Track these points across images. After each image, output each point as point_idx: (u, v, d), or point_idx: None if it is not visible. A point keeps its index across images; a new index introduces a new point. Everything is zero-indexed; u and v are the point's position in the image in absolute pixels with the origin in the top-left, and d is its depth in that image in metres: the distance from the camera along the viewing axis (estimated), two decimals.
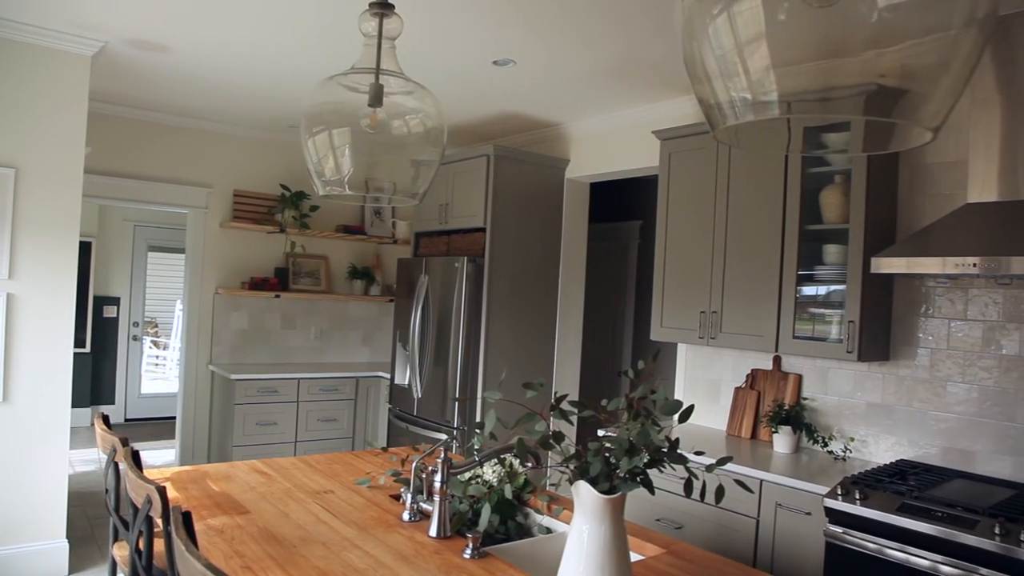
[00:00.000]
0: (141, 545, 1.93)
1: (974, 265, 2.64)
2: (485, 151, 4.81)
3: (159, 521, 1.77)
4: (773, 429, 3.48)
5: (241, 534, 1.99)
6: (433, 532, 2.06)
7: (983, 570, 2.38)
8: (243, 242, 5.77)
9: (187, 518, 1.48)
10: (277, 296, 5.80)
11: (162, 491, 1.75)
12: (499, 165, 4.80)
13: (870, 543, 2.65)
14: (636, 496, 3.41)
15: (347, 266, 6.27)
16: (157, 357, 9.02)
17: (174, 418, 5.83)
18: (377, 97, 2.17)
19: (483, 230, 4.83)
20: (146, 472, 2.15)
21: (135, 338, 8.07)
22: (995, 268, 2.60)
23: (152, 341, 8.93)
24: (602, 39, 3.41)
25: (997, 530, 2.35)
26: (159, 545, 1.92)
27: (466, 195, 4.96)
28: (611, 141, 4.82)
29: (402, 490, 2.29)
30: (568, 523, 2.19)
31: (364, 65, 2.23)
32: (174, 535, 1.43)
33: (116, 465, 2.37)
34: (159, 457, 6.46)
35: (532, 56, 3.70)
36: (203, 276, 5.61)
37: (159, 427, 7.66)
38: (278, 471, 2.69)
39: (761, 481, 3.06)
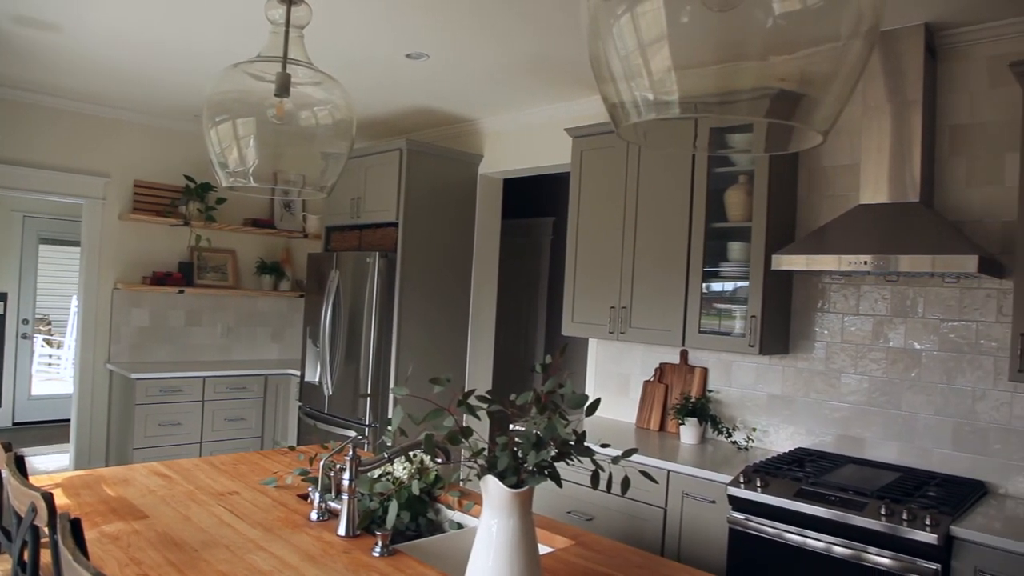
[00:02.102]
0: (26, 557, 1.83)
1: (865, 263, 2.79)
2: (398, 145, 4.76)
3: (46, 530, 1.67)
4: (680, 421, 3.58)
5: (138, 540, 1.91)
6: (342, 531, 2.03)
7: (871, 549, 2.52)
8: (144, 235, 5.52)
9: (76, 525, 1.41)
10: (181, 292, 5.58)
11: (48, 498, 1.65)
12: (412, 159, 4.76)
13: (770, 528, 2.76)
14: (547, 489, 3.45)
15: (255, 260, 6.09)
16: (50, 356, 8.53)
17: (69, 420, 5.53)
18: (284, 87, 2.11)
19: (395, 225, 4.78)
20: (34, 479, 2.04)
21: (25, 336, 7.62)
22: (884, 265, 2.76)
23: (44, 339, 8.44)
24: (514, 36, 3.43)
25: (883, 511, 2.50)
26: (46, 557, 1.81)
27: (378, 189, 4.90)
28: (525, 138, 4.85)
29: (310, 489, 2.25)
30: (479, 518, 2.19)
31: (271, 53, 2.17)
32: (61, 544, 1.35)
33: None
34: (51, 462, 6.12)
35: (445, 50, 3.68)
36: (100, 270, 5.34)
37: (52, 431, 7.25)
38: (180, 473, 2.59)
39: (668, 472, 3.14)
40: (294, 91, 2.15)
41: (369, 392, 4.68)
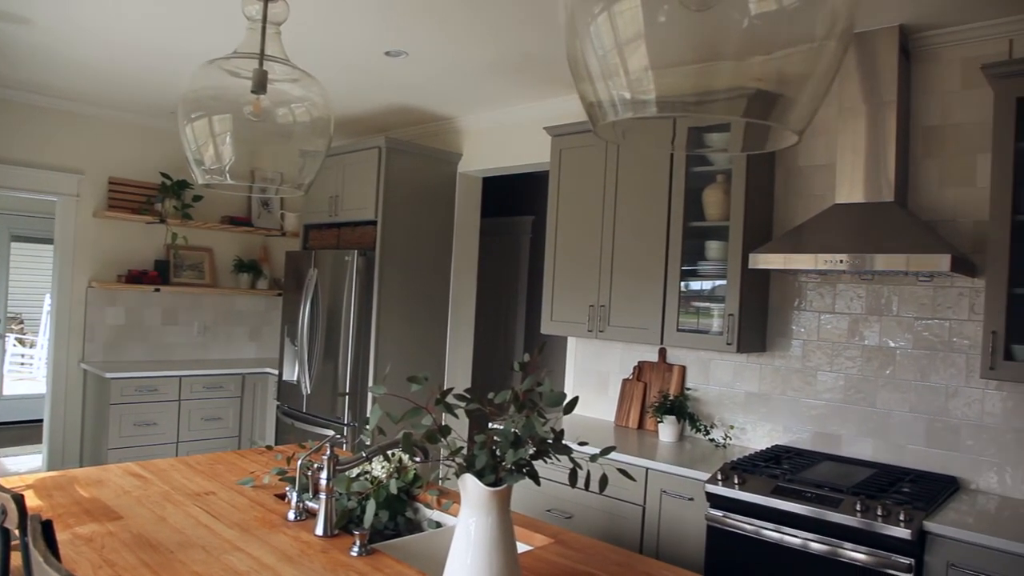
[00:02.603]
0: None
1: (841, 261, 2.82)
2: (377, 143, 4.74)
3: (17, 533, 1.64)
4: (658, 419, 3.60)
5: (112, 541, 1.88)
6: (319, 531, 2.02)
7: (846, 544, 2.55)
8: (120, 233, 5.45)
9: (47, 527, 1.39)
10: (157, 290, 5.51)
11: (19, 499, 1.62)
12: (391, 157, 4.74)
13: (748, 525, 2.79)
14: (526, 487, 3.46)
15: (233, 259, 6.03)
16: (23, 356, 8.40)
17: (42, 421, 5.45)
18: (261, 84, 2.10)
19: (374, 223, 4.76)
20: (5, 480, 2.01)
21: None
22: (860, 264, 2.79)
23: (17, 339, 8.31)
24: (494, 34, 3.42)
25: (858, 507, 2.53)
26: (17, 560, 1.79)
27: (357, 187, 4.88)
28: (504, 136, 4.84)
29: (287, 489, 2.23)
30: (458, 517, 2.19)
31: (248, 50, 2.15)
32: (31, 547, 1.33)
33: None
34: (24, 463, 6.03)
35: (424, 48, 3.67)
36: (75, 268, 5.26)
37: (25, 431, 7.14)
38: (155, 473, 2.56)
39: (647, 469, 3.16)
40: (271, 88, 2.13)
41: (348, 391, 4.65)
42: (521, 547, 2.11)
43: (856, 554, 2.52)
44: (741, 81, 1.12)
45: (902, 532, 2.42)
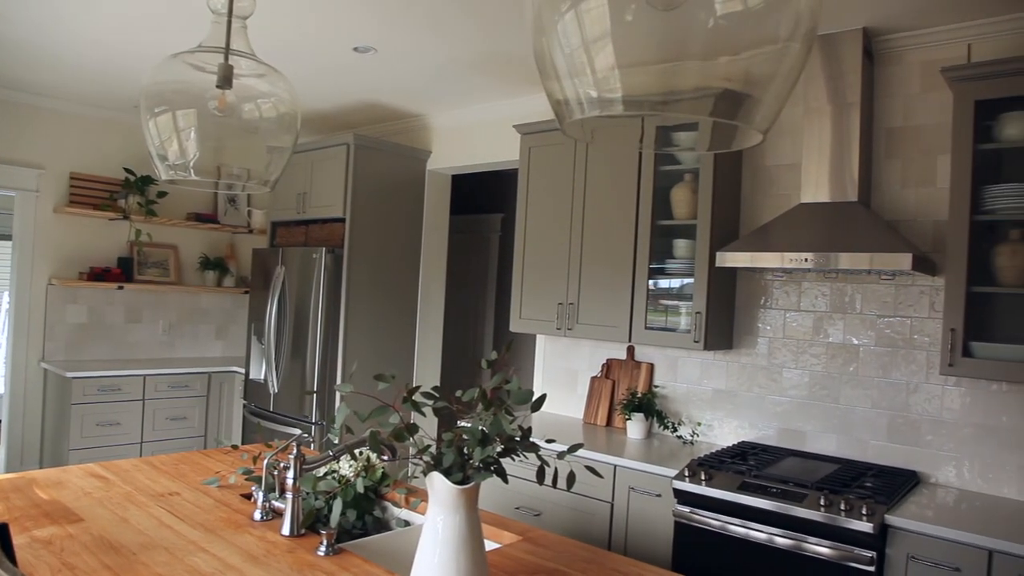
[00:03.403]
0: None
1: (807, 260, 2.86)
2: (345, 139, 4.70)
3: None
4: (627, 416, 3.62)
5: (72, 544, 1.85)
6: (286, 531, 2.00)
7: (811, 539, 2.58)
8: (81, 229, 5.35)
9: (3, 530, 1.36)
10: (120, 288, 5.42)
11: None
12: (359, 154, 4.71)
13: (714, 520, 2.82)
14: (495, 485, 3.46)
15: (199, 256, 5.95)
16: None
17: (0, 421, 5.33)
18: (226, 78, 2.06)
19: (343, 220, 4.72)
20: None
21: None
22: (825, 263, 2.83)
23: None
24: (462, 31, 3.42)
25: (822, 502, 2.57)
26: None
27: (325, 184, 4.83)
28: (473, 134, 4.84)
29: (253, 488, 2.21)
30: (426, 515, 2.18)
31: (212, 44, 2.12)
32: None
33: None
34: None
35: (393, 45, 3.65)
36: (34, 265, 5.15)
37: None
38: (118, 474, 2.52)
39: (615, 466, 3.18)
40: (237, 83, 2.10)
41: (315, 389, 4.62)
42: (489, 545, 2.11)
43: (820, 548, 2.56)
44: (707, 81, 1.13)
45: (864, 526, 2.46)
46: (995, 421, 2.85)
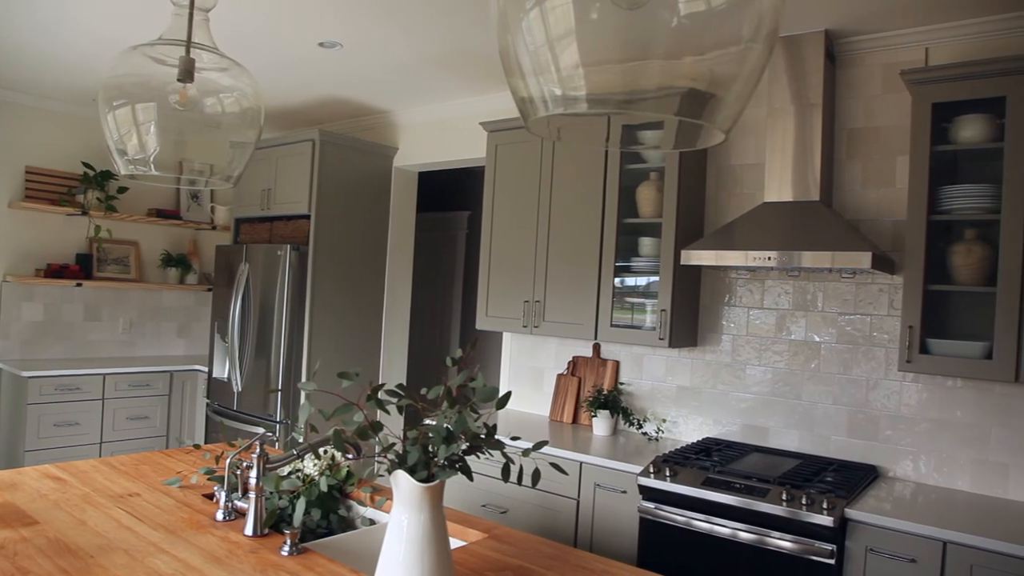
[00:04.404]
0: None
1: (770, 258, 2.90)
2: (310, 135, 4.65)
3: None
4: (592, 413, 3.64)
5: (27, 548, 1.80)
6: (249, 531, 1.98)
7: (773, 533, 2.62)
8: (37, 225, 5.22)
9: None
10: (79, 285, 5.30)
11: None
12: (325, 150, 4.67)
13: (679, 516, 2.84)
14: (461, 483, 3.46)
15: (160, 253, 5.84)
16: None
17: None
18: (188, 72, 2.03)
19: (308, 217, 4.68)
20: None
21: None
22: (788, 261, 2.87)
23: None
24: (429, 28, 3.40)
25: (784, 497, 2.61)
26: None
27: (290, 180, 4.78)
28: (440, 131, 4.82)
29: (216, 488, 2.18)
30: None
31: (173, 36, 2.08)
32: None
33: None
34: None
35: (358, 40, 3.62)
36: None
37: None
38: (75, 475, 2.47)
39: (581, 463, 3.19)
40: (199, 77, 2.06)
41: (279, 387, 4.57)
42: (455, 542, 2.11)
43: (782, 542, 2.60)
44: (671, 80, 1.14)
45: (825, 519, 2.51)
46: (950, 416, 2.91)
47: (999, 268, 2.57)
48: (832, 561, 2.51)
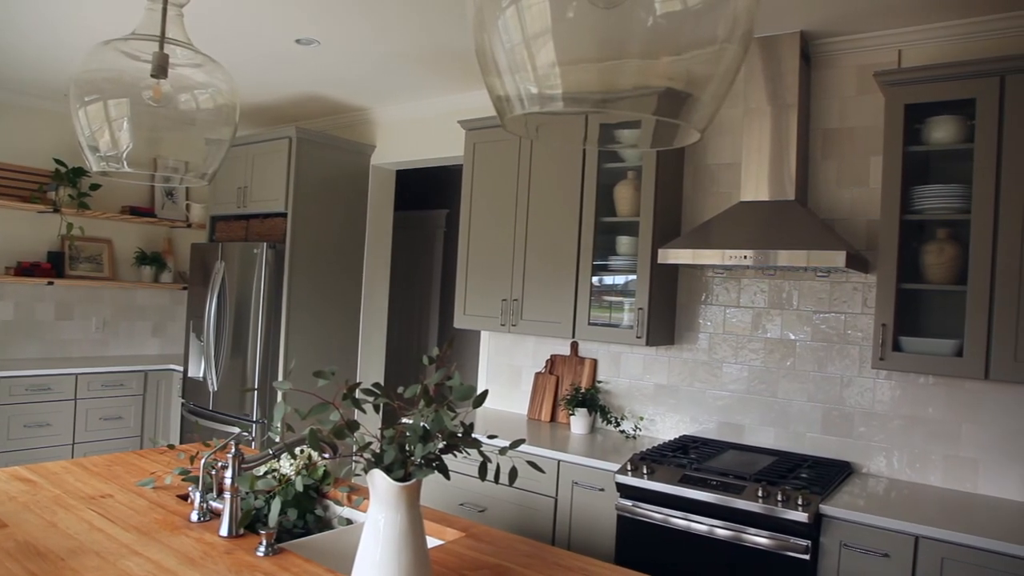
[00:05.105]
0: None
1: (746, 257, 2.92)
2: (287, 133, 4.62)
3: None
4: (570, 412, 3.65)
5: None
6: (224, 531, 1.96)
7: (750, 529, 2.65)
8: (7, 222, 5.12)
9: None
10: (50, 283, 5.21)
11: None
12: (302, 148, 4.64)
13: (656, 513, 2.86)
14: (439, 482, 3.45)
15: (134, 251, 5.77)
16: None
17: None
18: (161, 67, 2.00)
19: (284, 215, 4.64)
20: None
21: None
22: (763, 260, 2.89)
23: None
24: (408, 25, 3.39)
25: (760, 493, 2.63)
26: None
27: (266, 178, 4.74)
28: (418, 129, 4.80)
29: (190, 489, 2.15)
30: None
31: (147, 32, 2.06)
32: None
33: None
34: None
35: (336, 37, 3.60)
36: None
37: None
38: (46, 477, 2.43)
39: (558, 461, 3.20)
40: (172, 73, 2.04)
41: (255, 387, 4.53)
42: (432, 541, 2.10)
43: (758, 538, 2.62)
44: (647, 80, 1.14)
45: (800, 515, 2.53)
46: (922, 413, 2.96)
47: (969, 267, 2.61)
48: (807, 557, 2.54)
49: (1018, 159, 2.54)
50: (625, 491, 2.95)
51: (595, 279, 3.56)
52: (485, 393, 1.56)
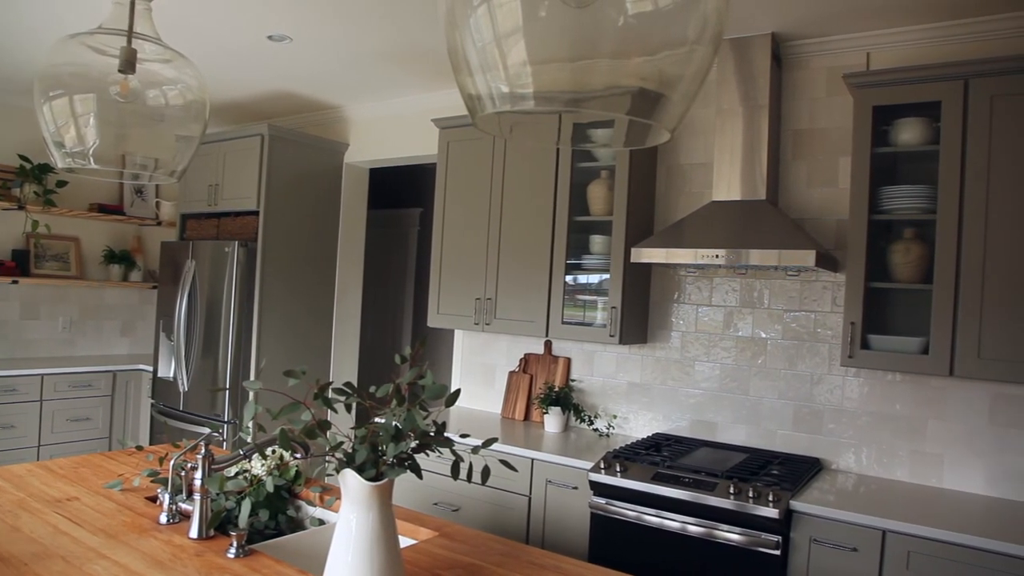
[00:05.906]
0: None
1: (718, 256, 2.95)
2: (259, 130, 4.57)
3: None
4: (544, 410, 3.66)
5: None
6: (194, 533, 1.93)
7: (722, 526, 2.67)
8: None
9: None
10: (15, 282, 5.12)
11: None
12: (274, 145, 4.59)
13: (630, 511, 2.87)
14: (413, 482, 3.44)
15: (103, 249, 5.68)
16: None
17: None
18: (129, 62, 1.97)
19: (256, 213, 4.60)
20: None
21: None
22: (735, 259, 2.92)
23: None
24: (381, 22, 3.37)
25: (731, 490, 2.65)
26: None
27: (238, 176, 4.69)
28: (392, 127, 4.78)
29: (159, 491, 2.12)
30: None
31: (114, 26, 2.02)
32: None
33: None
34: None
35: (308, 34, 3.57)
36: None
37: None
38: (10, 480, 2.38)
39: (532, 460, 3.20)
40: (141, 68, 2.01)
41: (227, 386, 4.48)
42: (405, 541, 2.09)
43: (730, 535, 2.65)
44: (618, 79, 1.15)
45: (770, 512, 2.56)
46: (890, 409, 3.00)
47: (935, 266, 2.66)
48: (778, 552, 2.57)
49: (981, 161, 2.59)
50: (599, 489, 2.97)
51: (569, 278, 3.57)
52: (457, 392, 1.56)
